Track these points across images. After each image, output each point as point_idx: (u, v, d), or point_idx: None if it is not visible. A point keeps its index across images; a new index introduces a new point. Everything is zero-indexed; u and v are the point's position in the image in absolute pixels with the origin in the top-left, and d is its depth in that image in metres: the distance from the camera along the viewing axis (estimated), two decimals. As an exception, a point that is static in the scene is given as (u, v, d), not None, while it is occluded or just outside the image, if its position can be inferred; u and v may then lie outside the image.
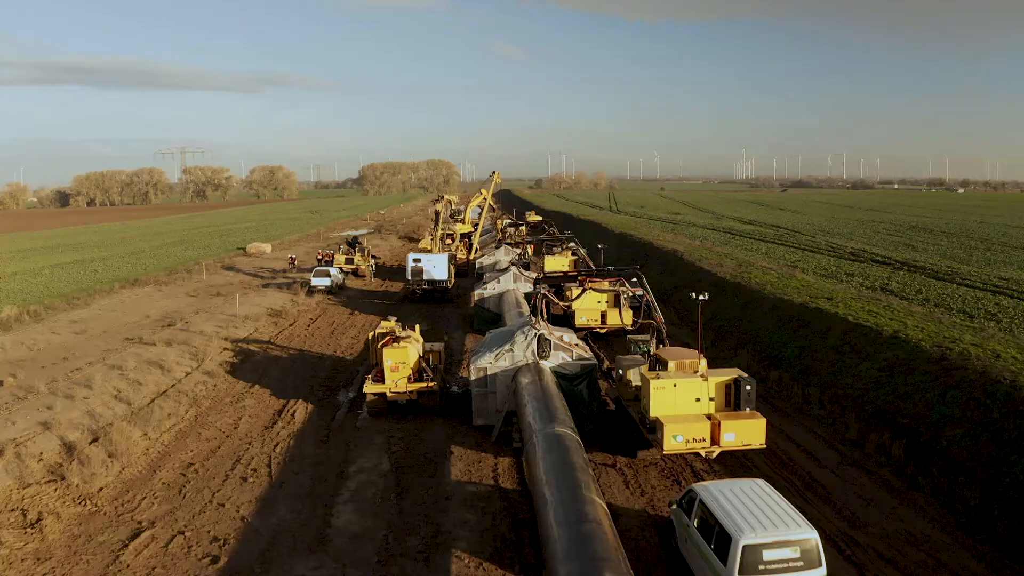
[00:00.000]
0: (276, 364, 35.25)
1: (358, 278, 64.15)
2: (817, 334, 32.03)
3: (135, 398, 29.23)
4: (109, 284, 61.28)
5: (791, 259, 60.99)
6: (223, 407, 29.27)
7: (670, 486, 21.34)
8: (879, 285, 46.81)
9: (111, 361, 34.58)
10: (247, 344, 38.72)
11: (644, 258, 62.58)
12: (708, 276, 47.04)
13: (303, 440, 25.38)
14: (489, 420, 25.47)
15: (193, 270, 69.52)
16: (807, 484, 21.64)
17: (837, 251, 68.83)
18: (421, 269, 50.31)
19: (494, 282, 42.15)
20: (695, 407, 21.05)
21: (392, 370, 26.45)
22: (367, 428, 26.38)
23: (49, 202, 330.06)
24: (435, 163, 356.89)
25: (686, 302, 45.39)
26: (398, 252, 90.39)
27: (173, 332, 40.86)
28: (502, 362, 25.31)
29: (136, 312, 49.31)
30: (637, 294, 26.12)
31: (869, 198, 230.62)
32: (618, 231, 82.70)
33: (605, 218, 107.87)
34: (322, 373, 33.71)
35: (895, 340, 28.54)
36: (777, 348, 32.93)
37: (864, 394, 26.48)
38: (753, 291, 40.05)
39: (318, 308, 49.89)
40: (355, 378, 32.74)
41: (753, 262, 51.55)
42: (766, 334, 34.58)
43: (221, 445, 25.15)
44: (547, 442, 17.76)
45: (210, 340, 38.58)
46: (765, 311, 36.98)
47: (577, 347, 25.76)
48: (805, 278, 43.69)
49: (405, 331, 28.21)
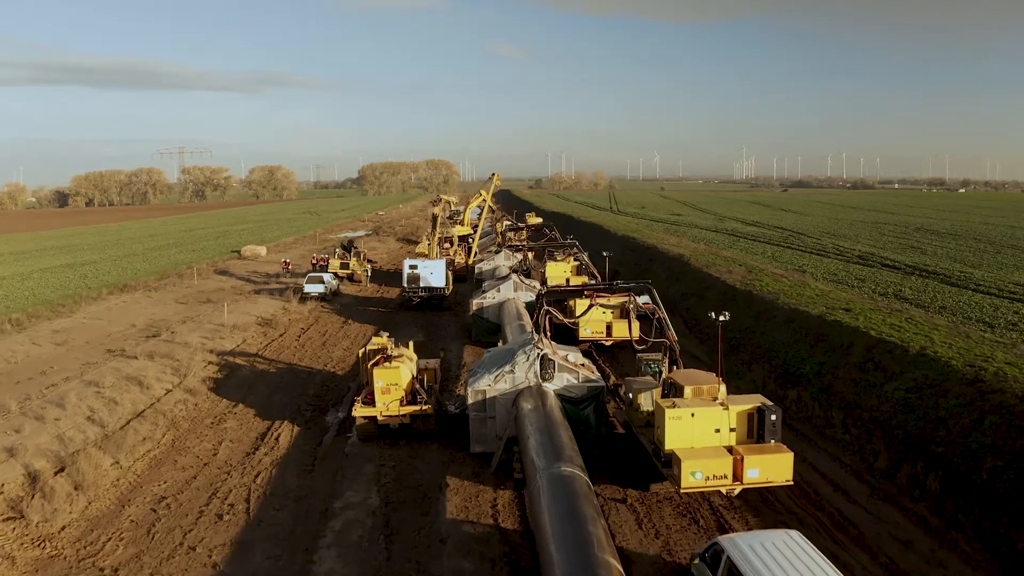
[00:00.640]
0: (263, 380, 33.31)
1: (353, 283, 62.19)
2: (837, 349, 30.08)
3: (109, 420, 27.31)
4: (97, 290, 59.41)
5: (799, 263, 59.20)
6: (203, 430, 27.33)
7: (687, 526, 19.40)
8: (892, 292, 45.05)
9: (89, 376, 32.70)
10: (233, 357, 36.78)
11: (649, 263, 60.69)
12: (717, 283, 45.10)
13: (286, 469, 23.45)
14: (488, 447, 23.55)
15: (185, 275, 67.62)
16: (837, 523, 19.71)
17: (845, 254, 67.01)
18: (418, 276, 48.34)
19: (494, 291, 40.21)
20: (715, 439, 19.13)
21: (383, 392, 24.51)
22: (356, 455, 24.44)
23: (48, 202, 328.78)
24: (435, 163, 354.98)
25: (694, 310, 43.54)
26: (396, 255, 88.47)
27: (157, 344, 38.95)
28: (502, 384, 23.38)
29: (122, 321, 47.41)
30: (648, 310, 24.15)
31: (870, 198, 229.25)
32: (621, 234, 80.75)
33: (607, 220, 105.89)
34: (311, 390, 31.77)
35: (923, 358, 26.60)
36: (794, 364, 30.98)
37: (892, 418, 24.54)
38: (766, 301, 38.11)
39: (310, 316, 47.95)
40: (346, 396, 30.83)
41: (763, 268, 49.60)
42: (782, 348, 32.62)
43: (198, 475, 23.22)
44: (553, 486, 15.82)
45: (194, 353, 36.65)
46: (779, 323, 35.03)
47: (583, 367, 23.82)
48: (819, 286, 41.75)
49: (398, 348, 26.26)
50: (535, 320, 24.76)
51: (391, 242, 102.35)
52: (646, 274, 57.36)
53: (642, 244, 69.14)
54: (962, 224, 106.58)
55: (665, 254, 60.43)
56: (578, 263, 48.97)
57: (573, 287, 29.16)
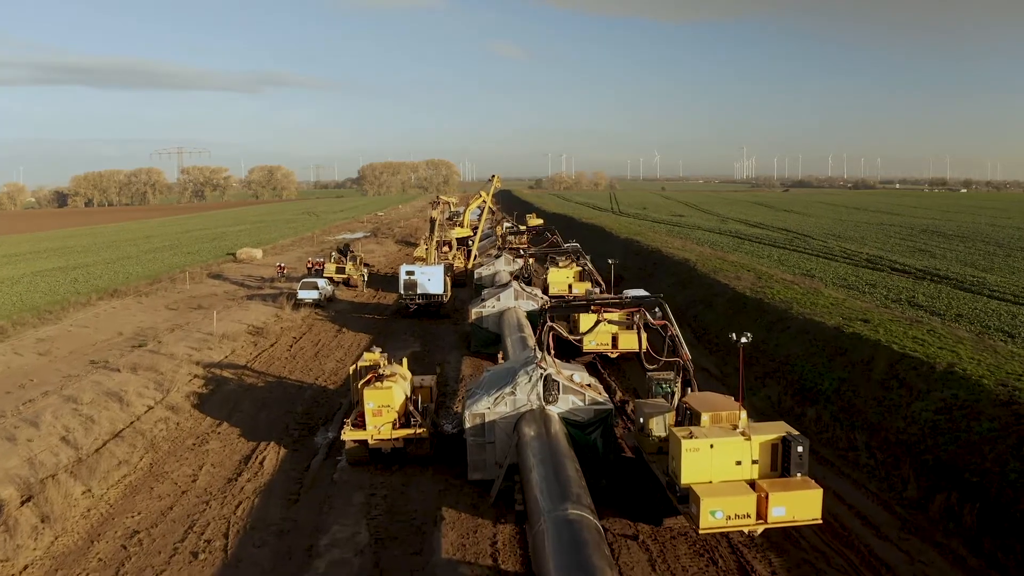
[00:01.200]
0: (250, 395, 31.62)
1: (350, 288, 60.52)
2: (858, 365, 28.40)
3: (85, 441, 25.66)
4: (87, 295, 57.78)
5: (806, 267, 57.67)
6: (183, 452, 25.65)
7: (705, 567, 17.72)
8: (905, 298, 43.53)
9: (68, 391, 31.05)
10: (220, 370, 35.10)
11: (653, 268, 59.03)
12: (725, 291, 43.41)
13: (270, 498, 21.77)
14: (487, 474, 21.89)
15: (178, 279, 65.96)
16: (867, 562, 18.04)
17: (852, 258, 65.46)
18: (415, 282, 46.62)
19: (493, 299, 38.52)
20: (735, 472, 17.47)
21: (374, 414, 22.82)
22: (345, 481, 22.75)
23: (47, 202, 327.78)
24: (435, 163, 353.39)
25: (703, 319, 41.87)
26: (394, 258, 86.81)
27: (142, 355, 37.28)
28: (502, 407, 21.70)
29: (109, 329, 45.77)
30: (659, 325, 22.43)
31: (873, 198, 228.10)
32: (624, 236, 79.05)
33: (609, 221, 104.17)
34: (300, 407, 30.08)
35: (951, 376, 24.94)
36: (811, 380, 29.30)
37: (921, 442, 22.87)
38: (778, 310, 36.42)
39: (303, 324, 46.25)
40: (337, 413, 29.15)
41: (772, 274, 47.91)
42: (797, 362, 30.93)
43: (174, 505, 21.54)
44: (559, 532, 14.15)
45: (180, 365, 34.98)
46: (794, 334, 33.35)
47: (590, 388, 22.13)
48: (832, 294, 40.04)
49: (391, 366, 24.57)
50: (538, 336, 23.08)
51: (389, 244, 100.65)
52: (650, 279, 55.72)
53: (646, 248, 67.44)
54: (968, 226, 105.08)
55: (670, 258, 58.73)
56: (581, 269, 47.35)
57: (579, 301, 27.33)
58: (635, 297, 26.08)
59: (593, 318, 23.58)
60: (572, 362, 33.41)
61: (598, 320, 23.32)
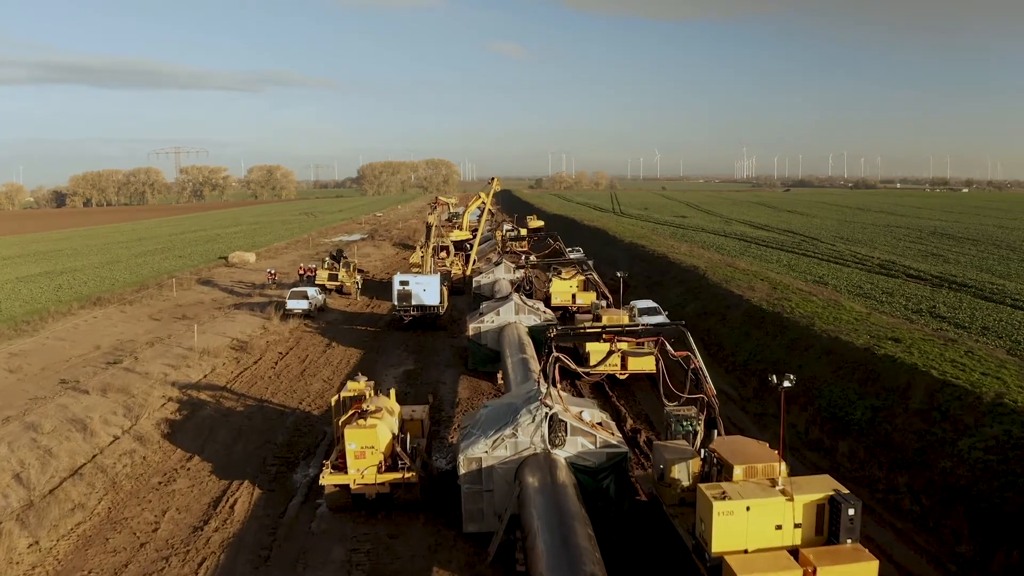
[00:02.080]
0: (226, 422, 29.04)
1: (343, 295, 57.92)
2: (893, 392, 25.80)
3: (39, 480, 23.12)
4: (68, 304, 55.27)
5: (818, 273, 55.25)
6: (147, 493, 23.08)
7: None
8: (926, 308, 41.09)
9: (31, 417, 28.51)
10: (197, 391, 32.54)
11: (660, 275, 56.43)
12: (739, 303, 40.80)
13: (238, 553, 19.20)
14: (484, 526, 19.32)
15: (165, 285, 63.42)
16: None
17: (864, 263, 63.01)
18: (409, 293, 43.94)
19: (492, 313, 35.91)
20: (775, 537, 14.91)
21: (357, 456, 20.23)
22: (324, 532, 20.18)
23: (45, 202, 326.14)
24: (434, 162, 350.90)
25: (716, 333, 39.27)
26: (391, 262, 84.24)
27: (115, 374, 34.73)
28: (501, 451, 19.12)
29: (87, 342, 43.24)
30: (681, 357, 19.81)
31: (875, 199, 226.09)
32: (628, 240, 76.41)
33: (611, 224, 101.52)
34: (280, 436, 27.50)
35: (1000, 408, 22.33)
36: (842, 407, 26.69)
37: (972, 486, 20.28)
38: (799, 326, 33.81)
39: (291, 337, 43.65)
40: (320, 443, 26.61)
41: (788, 284, 45.30)
42: (824, 387, 28.32)
43: (130, 561, 18.98)
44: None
45: (153, 387, 32.42)
46: (818, 354, 30.74)
47: (601, 428, 19.55)
48: (855, 307, 37.43)
49: (376, 399, 22.00)
50: (542, 367, 20.49)
51: (386, 248, 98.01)
52: (658, 287, 53.13)
53: (652, 253, 64.81)
54: (976, 227, 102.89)
55: (678, 265, 56.10)
56: (583, 276, 44.71)
57: (590, 329, 24.37)
58: (656, 325, 23.09)
59: (606, 348, 20.96)
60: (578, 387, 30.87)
61: (611, 351, 20.72)
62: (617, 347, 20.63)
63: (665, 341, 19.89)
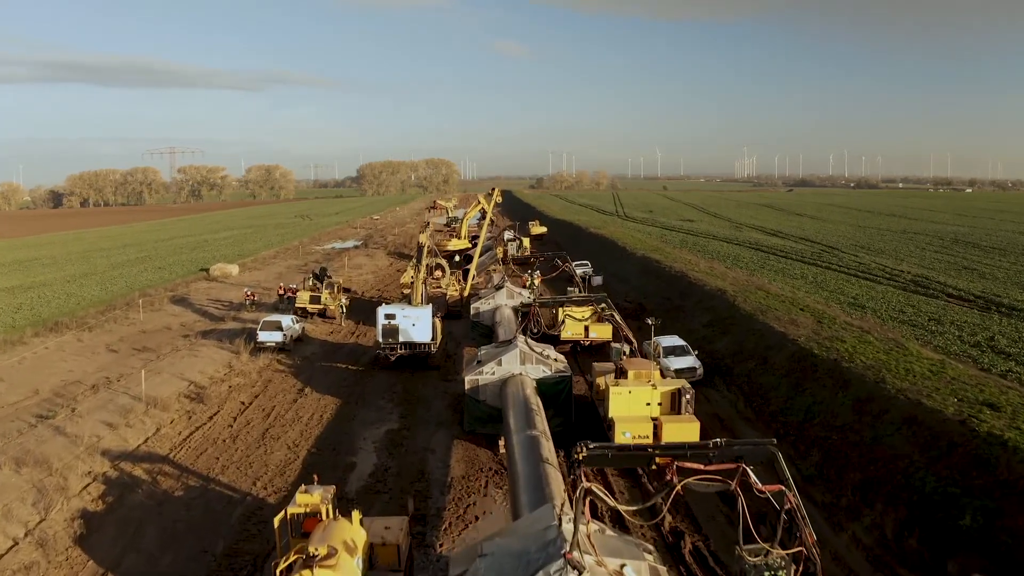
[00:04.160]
0: (159, 516, 23.05)
1: (326, 320, 51.95)
2: (1008, 486, 19.85)
3: None
4: (22, 330, 49.48)
5: (851, 292, 49.62)
6: (25, 645, 17.21)
7: None
8: (983, 341, 35.66)
9: (-84, 505, 22.65)
10: (132, 465, 26.61)
11: (681, 299, 50.44)
12: (782, 342, 34.75)
13: None
14: None
15: (134, 304, 57.56)
16: None
17: (895, 278, 57.39)
18: (396, 328, 37.82)
19: (493, 363, 29.82)
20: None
21: (302, 620, 14.28)
22: None
23: (43, 202, 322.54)
24: (434, 162, 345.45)
25: (757, 381, 33.27)
26: (384, 274, 78.34)
27: (41, 434, 28.90)
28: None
29: (27, 383, 37.48)
30: (771, 492, 13.73)
31: (879, 199, 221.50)
32: (640, 254, 70.41)
33: (618, 232, 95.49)
34: (222, 541, 21.48)
35: None
36: (942, 507, 20.70)
37: None
38: (866, 383, 27.75)
39: (259, 380, 37.65)
40: (271, 552, 20.70)
41: (834, 316, 39.25)
42: (915, 473, 22.26)
43: None
44: None
45: (79, 458, 26.51)
46: (897, 424, 24.71)
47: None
48: (925, 354, 31.35)
49: (334, 522, 16.05)
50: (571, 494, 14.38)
51: (380, 257, 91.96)
52: (678, 314, 47.18)
53: (668, 271, 58.77)
54: (997, 234, 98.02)
55: (700, 288, 50.08)
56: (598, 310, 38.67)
57: (634, 452, 16.66)
58: (741, 443, 15.50)
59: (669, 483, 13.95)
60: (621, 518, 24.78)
61: (673, 490, 13.81)
62: (674, 474, 14.20)
63: (747, 469, 13.76)
